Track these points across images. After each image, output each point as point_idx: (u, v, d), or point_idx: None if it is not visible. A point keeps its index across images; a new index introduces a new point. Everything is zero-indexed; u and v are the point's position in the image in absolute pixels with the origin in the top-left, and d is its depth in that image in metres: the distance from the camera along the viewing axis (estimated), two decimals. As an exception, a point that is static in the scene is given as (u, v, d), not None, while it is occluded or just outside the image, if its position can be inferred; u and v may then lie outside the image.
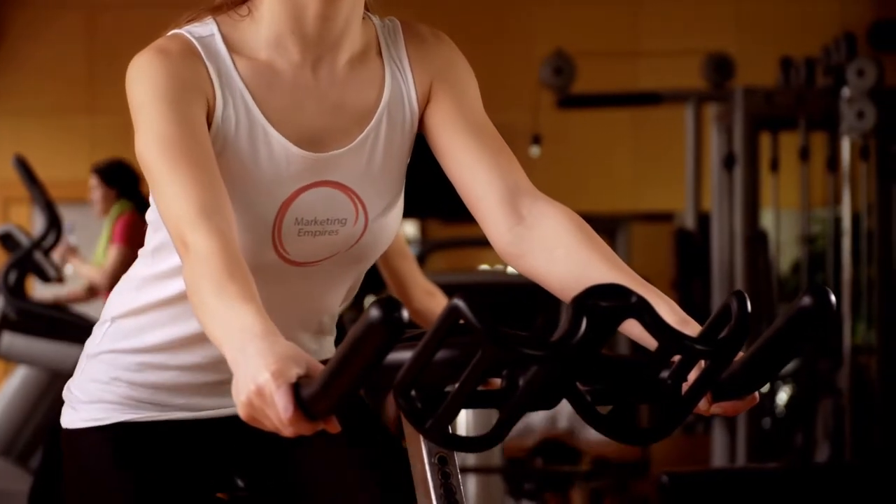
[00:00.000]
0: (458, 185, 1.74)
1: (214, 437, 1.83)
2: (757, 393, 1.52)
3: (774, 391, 6.67)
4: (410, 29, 1.80)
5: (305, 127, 1.71)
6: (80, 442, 1.82)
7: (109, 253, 6.20)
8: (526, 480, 5.60)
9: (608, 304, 1.26)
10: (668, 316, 1.53)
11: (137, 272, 1.82)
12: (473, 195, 1.72)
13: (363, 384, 1.27)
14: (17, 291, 5.46)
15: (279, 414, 1.30)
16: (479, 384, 1.28)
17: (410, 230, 9.41)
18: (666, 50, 9.11)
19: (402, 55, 1.78)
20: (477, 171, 1.72)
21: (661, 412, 1.39)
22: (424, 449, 1.47)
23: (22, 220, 8.87)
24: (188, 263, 1.52)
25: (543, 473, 5.68)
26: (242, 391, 1.33)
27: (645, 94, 7.23)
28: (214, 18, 1.73)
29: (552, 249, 1.66)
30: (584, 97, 6.92)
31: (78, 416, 1.83)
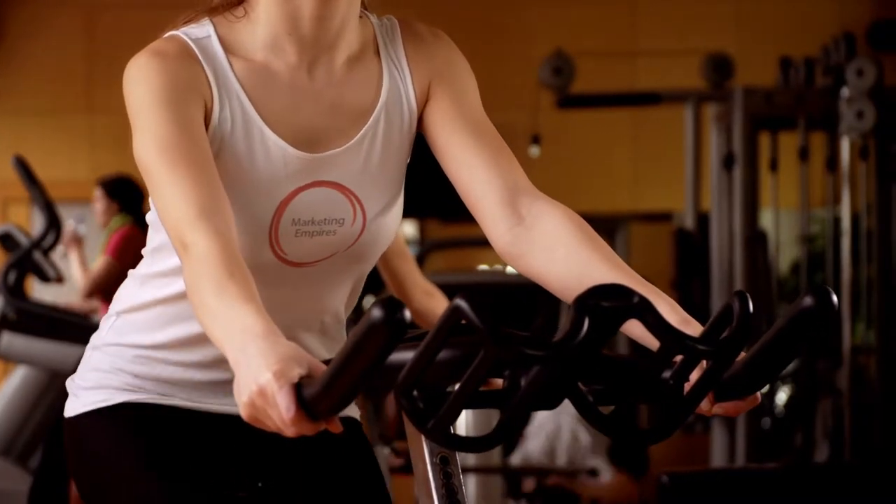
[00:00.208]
0: (457, 184, 1.74)
1: (219, 431, 1.82)
2: (759, 393, 1.52)
3: (774, 391, 6.68)
4: (408, 28, 1.79)
5: (302, 127, 1.71)
6: (84, 425, 1.80)
7: (98, 261, 6.24)
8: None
9: (610, 304, 1.26)
10: (669, 316, 1.53)
11: (140, 270, 1.83)
12: (473, 195, 1.72)
13: (365, 384, 1.27)
14: (16, 291, 5.46)
15: (281, 414, 1.30)
16: (481, 384, 1.28)
17: (409, 230, 9.41)
18: (665, 50, 9.11)
19: (400, 54, 1.77)
20: (476, 170, 1.72)
21: (662, 412, 1.39)
22: (426, 449, 1.47)
23: (21, 220, 8.86)
24: (188, 264, 1.52)
25: (543, 473, 5.68)
26: (244, 391, 1.33)
27: (644, 94, 7.23)
28: (211, 20, 1.73)
29: (552, 249, 1.66)
30: (583, 97, 6.92)
31: (80, 401, 1.82)
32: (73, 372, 1.89)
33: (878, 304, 6.42)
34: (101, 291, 6.13)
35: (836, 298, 1.38)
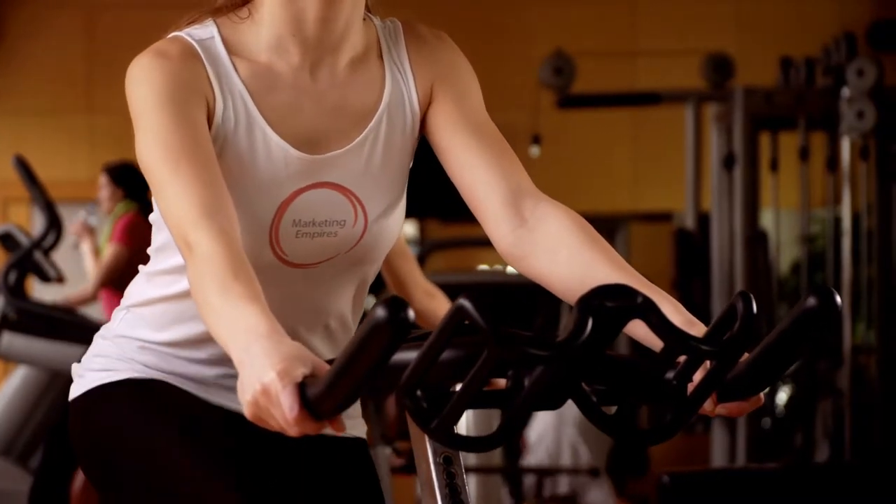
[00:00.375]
0: (460, 186, 1.74)
1: (225, 422, 1.81)
2: (762, 394, 1.52)
3: (774, 391, 6.67)
4: (412, 30, 1.79)
5: (304, 129, 1.71)
6: (90, 399, 1.78)
7: (107, 250, 6.28)
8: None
9: (614, 304, 1.26)
10: (673, 317, 1.53)
11: (147, 267, 1.83)
12: (476, 196, 1.72)
13: (369, 384, 1.27)
14: (17, 291, 5.46)
15: (285, 414, 1.31)
16: (484, 384, 1.28)
17: (409, 230, 9.41)
18: (665, 50, 9.11)
19: (402, 56, 1.77)
20: (479, 172, 1.72)
21: (666, 413, 1.39)
22: (430, 449, 1.47)
23: (21, 220, 8.86)
24: (192, 263, 1.52)
25: (544, 473, 5.68)
26: (248, 391, 1.33)
27: (645, 94, 7.23)
28: (214, 21, 1.73)
29: (555, 250, 1.66)
30: (584, 97, 6.92)
31: (86, 381, 1.80)
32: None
33: (878, 304, 6.42)
34: (113, 280, 6.18)
35: (839, 299, 1.38)
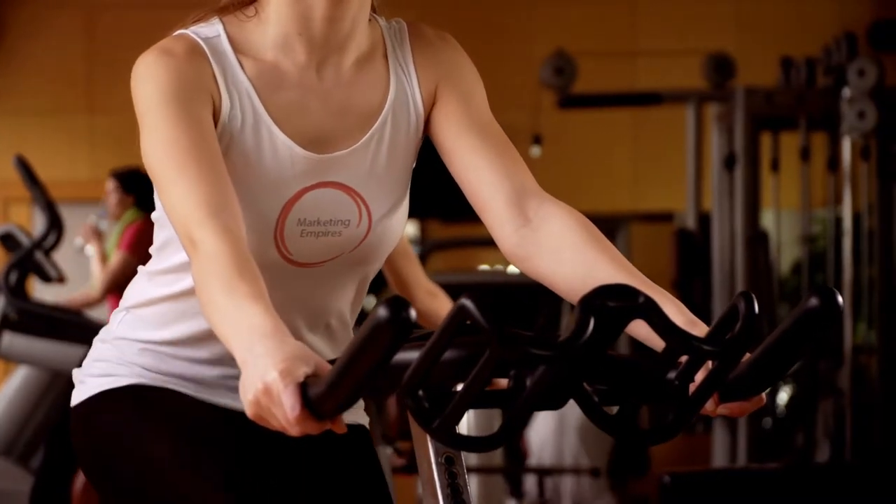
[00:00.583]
0: (464, 186, 1.74)
1: (225, 423, 1.81)
2: (763, 394, 1.52)
3: (775, 391, 6.67)
4: (416, 31, 1.80)
5: (310, 128, 1.71)
6: (91, 406, 1.79)
7: (113, 257, 6.28)
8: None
9: (616, 304, 1.26)
10: (675, 317, 1.53)
11: (148, 267, 1.83)
12: (480, 197, 1.72)
13: (371, 384, 1.27)
14: (17, 291, 5.46)
15: (286, 413, 1.31)
16: (486, 384, 1.28)
17: (410, 230, 9.41)
18: (666, 50, 9.10)
19: (407, 57, 1.78)
20: (483, 172, 1.72)
21: (667, 413, 1.39)
22: (431, 449, 1.47)
23: (22, 220, 8.86)
24: (197, 262, 1.52)
25: (545, 472, 5.68)
26: (250, 390, 1.34)
27: (646, 94, 7.22)
28: (220, 19, 1.73)
29: (559, 251, 1.66)
30: (585, 97, 6.91)
31: (87, 387, 1.81)
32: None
33: (879, 304, 6.42)
34: (118, 287, 6.16)
35: (841, 299, 1.38)
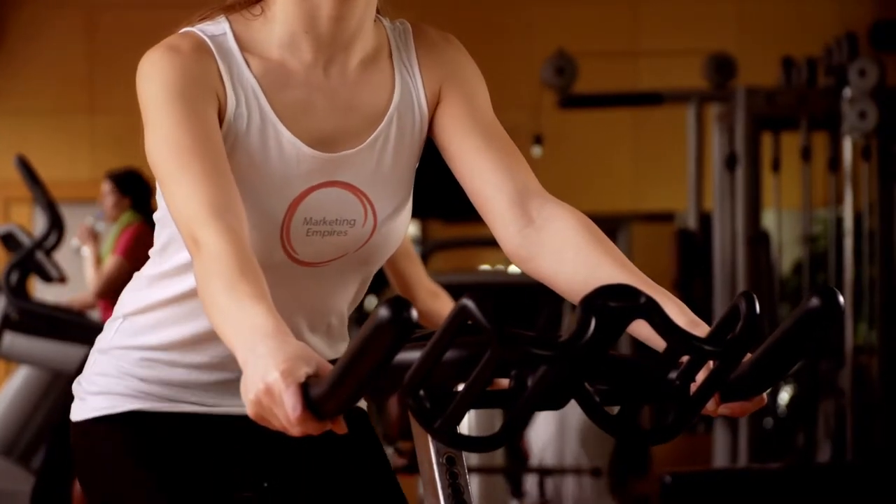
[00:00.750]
0: (467, 187, 1.74)
1: (226, 433, 1.83)
2: (764, 394, 1.52)
3: (776, 391, 6.67)
4: (421, 32, 1.80)
5: (316, 126, 1.71)
6: (90, 432, 1.81)
7: (108, 261, 6.25)
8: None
9: (617, 304, 1.26)
10: (677, 317, 1.53)
11: (147, 270, 1.82)
12: (483, 197, 1.72)
13: (372, 384, 1.27)
14: (18, 291, 5.46)
15: (287, 413, 1.31)
16: (487, 384, 1.28)
17: (412, 230, 9.42)
18: (667, 50, 9.10)
19: (412, 58, 1.78)
20: (486, 173, 1.72)
21: (669, 413, 1.39)
22: (432, 449, 1.47)
23: (23, 220, 8.86)
24: (199, 261, 1.52)
25: (546, 472, 5.68)
26: (251, 390, 1.34)
27: (647, 94, 7.22)
28: (227, 17, 1.73)
29: (561, 251, 1.66)
30: (586, 97, 6.91)
31: (87, 406, 1.82)
32: (75, 372, 1.89)
33: (880, 304, 6.42)
34: (112, 291, 6.14)
35: (842, 299, 1.38)
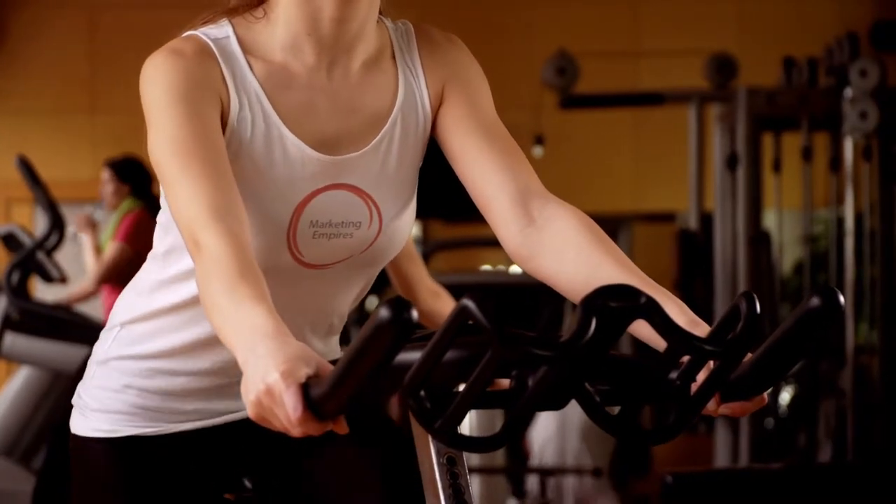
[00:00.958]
0: (469, 186, 1.74)
1: (223, 441, 1.84)
2: (765, 394, 1.52)
3: (777, 391, 6.66)
4: (423, 32, 1.80)
5: (320, 129, 1.71)
6: (88, 451, 1.83)
7: (109, 248, 6.25)
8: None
9: (617, 304, 1.26)
10: (677, 317, 1.53)
11: (148, 276, 1.82)
12: (485, 197, 1.73)
13: (372, 384, 1.27)
14: (19, 292, 5.46)
15: (288, 414, 1.31)
16: (488, 384, 1.28)
17: (413, 230, 9.40)
18: (668, 50, 9.10)
19: (415, 59, 1.78)
20: (488, 172, 1.72)
21: (669, 413, 1.39)
22: (433, 449, 1.47)
23: (24, 220, 8.86)
24: (200, 264, 1.52)
25: (547, 472, 5.68)
26: (252, 391, 1.34)
27: (648, 94, 7.22)
28: (229, 20, 1.73)
29: (562, 251, 1.66)
30: (587, 97, 6.90)
31: (87, 423, 1.84)
32: (76, 373, 1.90)
33: (881, 304, 6.42)
34: (113, 278, 6.15)
35: (842, 299, 1.38)
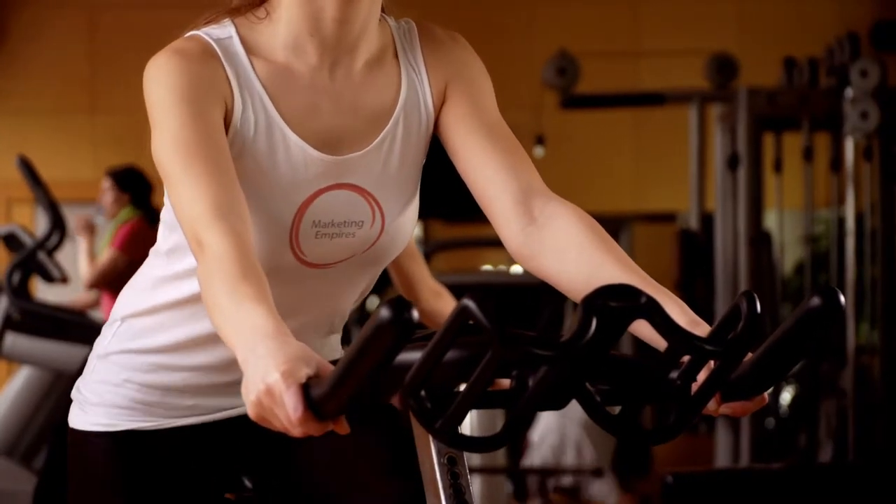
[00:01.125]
0: (471, 185, 1.74)
1: (222, 438, 1.84)
2: (765, 394, 1.52)
3: (778, 391, 6.67)
4: (426, 30, 1.80)
5: (323, 129, 1.71)
6: (86, 445, 1.83)
7: (104, 254, 6.25)
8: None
9: (618, 304, 1.26)
10: (678, 317, 1.53)
11: (151, 272, 1.82)
12: (487, 195, 1.73)
13: (373, 384, 1.27)
14: (20, 292, 5.47)
15: (288, 414, 1.31)
16: (488, 384, 1.28)
17: (415, 230, 9.39)
18: (668, 50, 9.10)
19: (417, 57, 1.78)
20: (491, 172, 1.72)
21: (670, 412, 1.39)
22: (434, 449, 1.47)
23: (25, 220, 8.87)
24: (202, 263, 1.52)
25: (548, 473, 5.68)
26: (252, 391, 1.34)
27: (649, 94, 7.22)
28: (232, 20, 1.73)
29: (564, 250, 1.66)
30: (587, 97, 6.90)
31: (86, 418, 1.83)
32: (76, 373, 1.90)
33: (882, 304, 6.41)
34: (105, 283, 6.15)
35: (843, 298, 1.38)
